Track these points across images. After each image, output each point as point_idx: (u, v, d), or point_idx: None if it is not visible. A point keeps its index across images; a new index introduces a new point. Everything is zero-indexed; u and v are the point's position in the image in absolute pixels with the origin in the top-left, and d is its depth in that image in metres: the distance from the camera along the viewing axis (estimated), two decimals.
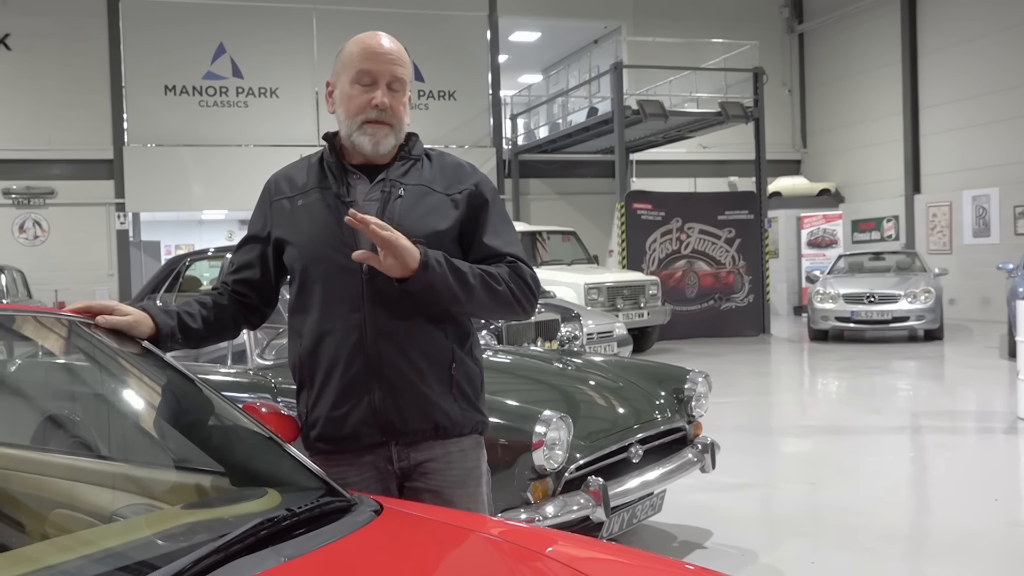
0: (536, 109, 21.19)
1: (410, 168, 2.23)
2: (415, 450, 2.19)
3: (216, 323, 2.25)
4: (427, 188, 2.20)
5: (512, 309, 2.19)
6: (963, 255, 17.94)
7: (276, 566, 1.47)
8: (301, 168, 2.30)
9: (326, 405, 2.17)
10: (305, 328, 2.20)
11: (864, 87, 20.69)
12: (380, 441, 2.17)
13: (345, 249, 2.10)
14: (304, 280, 2.20)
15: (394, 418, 2.15)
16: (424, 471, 2.20)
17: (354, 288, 2.13)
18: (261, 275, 2.30)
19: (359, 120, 2.17)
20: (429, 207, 2.18)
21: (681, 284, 15.62)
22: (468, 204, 2.21)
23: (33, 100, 17.08)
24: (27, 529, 2.10)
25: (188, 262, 8.87)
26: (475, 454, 2.28)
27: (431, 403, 2.16)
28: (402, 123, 2.21)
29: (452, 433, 2.21)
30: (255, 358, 4.59)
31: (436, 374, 2.17)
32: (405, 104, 2.22)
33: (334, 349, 2.14)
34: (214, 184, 17.99)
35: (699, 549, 4.59)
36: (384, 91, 2.17)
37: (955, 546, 4.61)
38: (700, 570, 1.76)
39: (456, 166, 2.29)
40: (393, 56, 2.19)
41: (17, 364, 3.06)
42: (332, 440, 2.19)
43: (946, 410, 8.69)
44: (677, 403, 4.58)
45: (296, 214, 2.21)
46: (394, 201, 2.16)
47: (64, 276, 16.81)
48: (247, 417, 2.06)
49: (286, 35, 18.34)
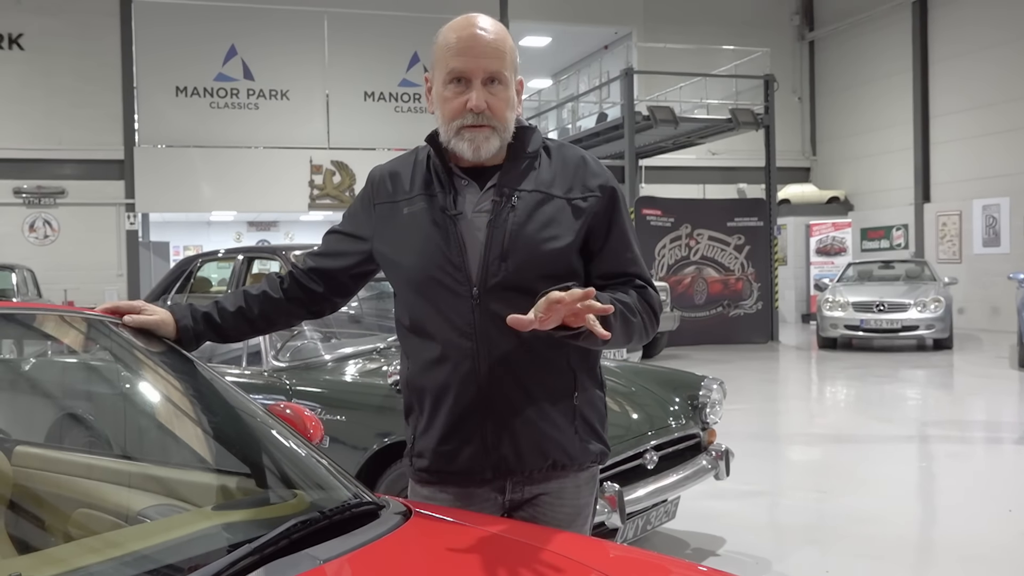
0: (546, 114, 21.20)
1: (525, 168, 1.97)
2: (531, 484, 2.01)
3: (262, 318, 2.12)
4: (544, 194, 1.94)
5: (637, 340, 1.96)
6: (973, 264, 17.91)
7: (312, 569, 1.48)
8: (408, 165, 2.06)
9: (434, 438, 1.97)
10: (412, 351, 2.01)
11: (874, 95, 20.67)
12: (492, 477, 1.98)
13: (452, 270, 1.91)
14: (409, 300, 1.99)
15: (508, 455, 1.95)
16: (535, 504, 2.02)
17: (464, 313, 1.91)
18: (344, 268, 2.11)
19: (455, 126, 1.91)
20: (547, 217, 1.93)
21: (690, 290, 15.60)
22: (594, 211, 1.96)
23: (45, 99, 17.14)
24: (50, 528, 2.10)
25: (199, 263, 8.89)
26: (588, 489, 2.08)
27: (549, 439, 1.96)
28: (506, 121, 1.93)
29: (571, 469, 2.02)
30: (270, 360, 4.59)
31: (557, 406, 1.97)
32: (509, 99, 1.94)
33: (443, 378, 1.94)
34: (223, 185, 18.03)
35: (712, 556, 4.58)
36: (479, 91, 1.89)
37: (970, 557, 4.59)
38: (713, 572, 1.77)
39: (579, 162, 2.01)
40: (488, 47, 1.91)
41: (42, 362, 3.07)
42: (440, 474, 2.00)
43: (956, 420, 8.67)
44: (691, 410, 4.57)
45: (400, 226, 1.99)
46: (507, 212, 1.91)
47: (73, 275, 16.86)
48: (272, 419, 2.06)
49: (297, 38, 18.39)
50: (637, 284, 1.98)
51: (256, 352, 4.68)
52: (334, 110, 18.62)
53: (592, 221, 1.95)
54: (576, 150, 2.04)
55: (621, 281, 1.97)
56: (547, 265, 1.89)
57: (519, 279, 1.89)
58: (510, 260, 1.89)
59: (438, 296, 1.92)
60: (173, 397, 2.18)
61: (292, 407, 2.31)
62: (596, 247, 1.97)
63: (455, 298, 1.91)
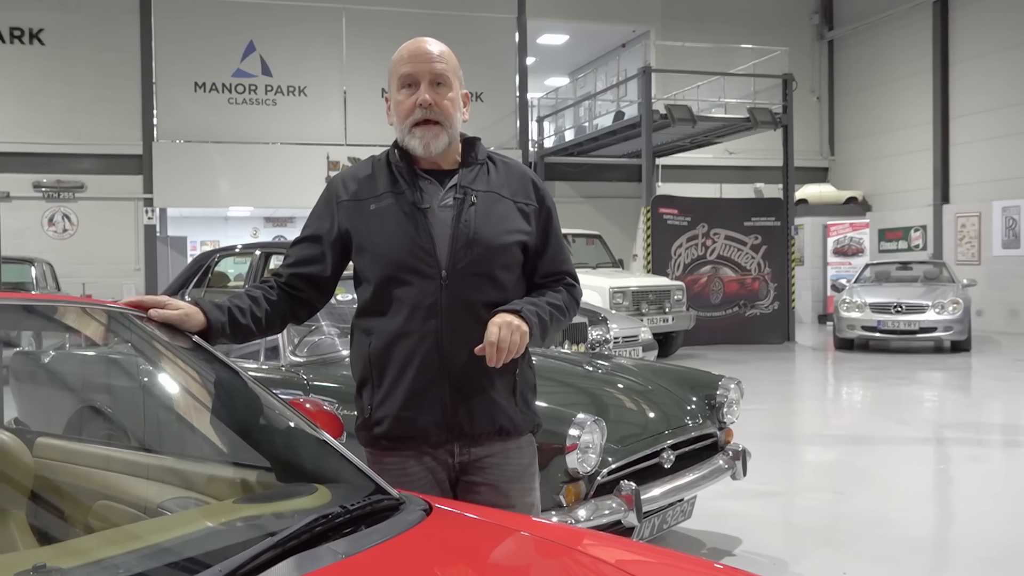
0: (563, 112, 21.17)
1: (479, 172, 2.29)
2: (476, 447, 2.27)
3: (266, 320, 2.26)
4: (497, 195, 2.27)
5: (556, 331, 2.34)
6: (992, 266, 17.77)
7: (334, 563, 1.48)
8: (366, 170, 2.32)
9: (395, 405, 2.22)
10: (377, 329, 2.24)
11: (893, 95, 20.54)
12: (446, 439, 2.24)
13: (423, 255, 2.18)
14: (380, 285, 2.22)
15: (463, 420, 2.23)
16: (483, 465, 2.28)
17: (432, 294, 2.18)
18: (320, 273, 2.31)
19: (408, 123, 2.22)
20: (501, 214, 2.25)
21: (706, 290, 15.56)
22: (536, 219, 2.31)
23: (65, 95, 17.22)
24: (71, 520, 2.11)
25: (217, 258, 8.94)
26: (530, 451, 2.39)
27: (498, 407, 2.25)
28: (452, 120, 2.23)
29: (513, 435, 2.32)
30: (288, 355, 4.60)
31: (503, 380, 2.26)
32: (453, 100, 2.24)
33: (408, 351, 2.19)
34: (241, 181, 18.08)
35: (728, 556, 4.57)
36: (427, 88, 2.20)
37: (988, 560, 4.56)
38: (729, 570, 1.76)
39: (521, 175, 2.36)
40: (433, 55, 2.22)
41: (67, 355, 3.09)
42: (399, 439, 2.24)
43: (974, 422, 8.61)
44: (708, 409, 4.56)
45: (369, 219, 2.24)
46: (468, 208, 2.22)
47: (92, 269, 16.94)
48: (294, 413, 2.07)
49: (315, 34, 18.42)
50: (567, 282, 2.38)
51: (274, 347, 4.69)
52: (351, 106, 18.64)
53: (535, 227, 2.31)
54: (517, 164, 2.41)
55: (556, 278, 2.36)
56: (503, 254, 2.23)
57: (480, 265, 2.20)
58: (474, 248, 2.19)
59: (409, 277, 2.19)
60: (194, 390, 2.19)
61: (312, 402, 2.33)
62: (539, 251, 2.33)
63: (424, 280, 2.18)
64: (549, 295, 2.31)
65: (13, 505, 1.98)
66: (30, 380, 3.99)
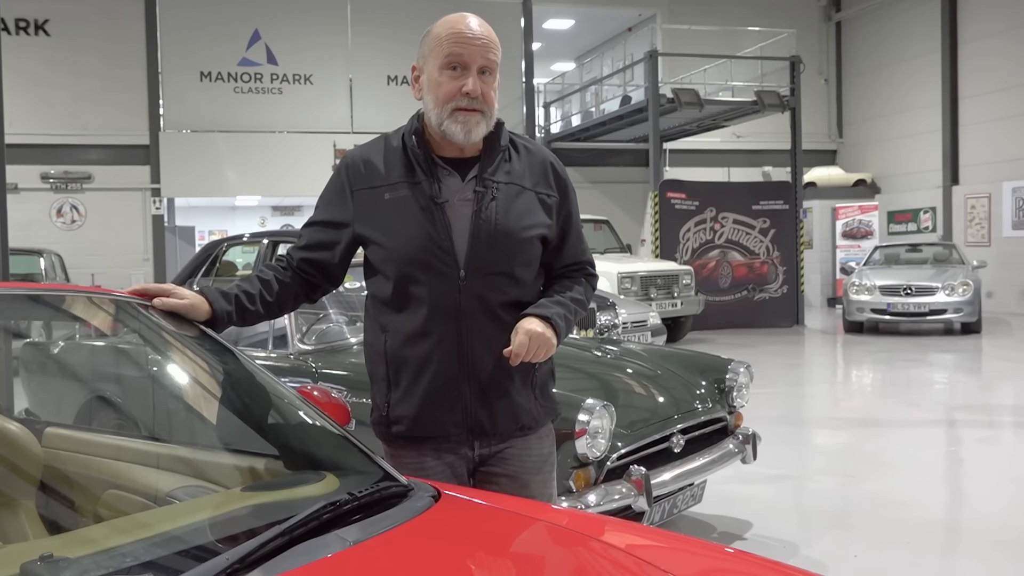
0: (569, 97, 21.10)
1: (500, 161, 2.18)
2: (498, 441, 2.24)
3: (276, 303, 2.22)
4: (518, 186, 2.18)
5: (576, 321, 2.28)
6: (1002, 247, 17.68)
7: (342, 550, 1.47)
8: (378, 152, 2.21)
9: (413, 405, 2.16)
10: (393, 326, 2.16)
11: (902, 76, 20.42)
12: (466, 438, 2.20)
13: (440, 252, 2.09)
14: (395, 280, 2.14)
15: (484, 420, 2.18)
16: (503, 457, 2.25)
17: (451, 294, 2.10)
18: (331, 258, 2.23)
19: (450, 108, 2.09)
20: (523, 207, 2.17)
21: (714, 274, 15.52)
22: (558, 212, 2.23)
23: (71, 86, 17.23)
24: (80, 509, 2.12)
25: (225, 247, 8.95)
26: (549, 440, 2.35)
27: (519, 406, 2.21)
28: (493, 110, 2.14)
29: (535, 428, 2.28)
30: (296, 343, 4.60)
31: (522, 378, 2.21)
32: (496, 90, 2.16)
33: (426, 352, 2.13)
34: (248, 170, 18.09)
35: (739, 540, 4.57)
36: (475, 77, 2.09)
37: (999, 542, 4.54)
38: (740, 553, 1.76)
39: (543, 161, 2.26)
40: (484, 40, 2.11)
41: (73, 344, 3.09)
42: (419, 438, 2.20)
43: (984, 404, 8.59)
44: (718, 393, 4.55)
45: (384, 211, 2.14)
46: (489, 203, 2.13)
47: (100, 260, 16.97)
48: (302, 401, 2.06)
49: (321, 22, 18.38)
50: (587, 271, 2.33)
51: (282, 335, 4.69)
52: (357, 94, 18.61)
53: (556, 219, 2.22)
54: (543, 150, 2.30)
55: (576, 267, 2.31)
56: (523, 251, 2.16)
57: (500, 263, 2.13)
58: (495, 247, 2.11)
59: (425, 276, 2.10)
60: (202, 379, 2.18)
61: (320, 390, 2.32)
62: (559, 242, 2.25)
63: (442, 279, 2.10)
64: (574, 291, 2.26)
65: (22, 495, 1.98)
66: (40, 371, 4.00)
